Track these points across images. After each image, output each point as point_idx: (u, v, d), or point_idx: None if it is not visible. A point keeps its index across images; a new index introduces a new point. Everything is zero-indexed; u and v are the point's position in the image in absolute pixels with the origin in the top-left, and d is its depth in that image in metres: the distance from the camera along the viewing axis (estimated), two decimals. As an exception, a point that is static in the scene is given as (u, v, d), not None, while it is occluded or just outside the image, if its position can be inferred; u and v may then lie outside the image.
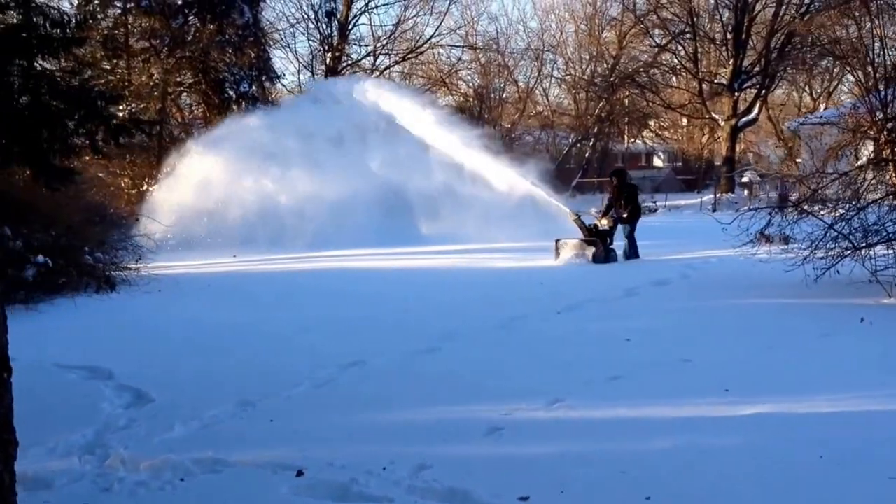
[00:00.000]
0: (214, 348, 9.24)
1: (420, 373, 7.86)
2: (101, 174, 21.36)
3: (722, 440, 5.64)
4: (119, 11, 26.63)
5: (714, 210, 31.02)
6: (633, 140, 56.29)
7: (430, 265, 16.74)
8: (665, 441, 5.61)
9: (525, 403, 6.56)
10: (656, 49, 45.99)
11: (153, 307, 12.32)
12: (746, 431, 5.80)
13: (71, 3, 25.27)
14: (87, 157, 17.58)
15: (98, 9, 26.15)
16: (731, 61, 41.86)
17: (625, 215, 17.51)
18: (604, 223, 17.47)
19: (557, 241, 17.17)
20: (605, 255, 16.80)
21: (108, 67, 25.67)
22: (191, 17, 27.86)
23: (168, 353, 9.10)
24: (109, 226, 15.85)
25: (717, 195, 36.14)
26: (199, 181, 20.13)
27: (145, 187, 22.99)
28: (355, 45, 42.74)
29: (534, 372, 7.76)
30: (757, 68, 42.40)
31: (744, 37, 41.59)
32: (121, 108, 24.17)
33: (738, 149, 45.92)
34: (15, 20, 11.85)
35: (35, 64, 9.32)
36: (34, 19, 9.42)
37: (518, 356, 8.49)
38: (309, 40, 43.14)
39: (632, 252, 17.30)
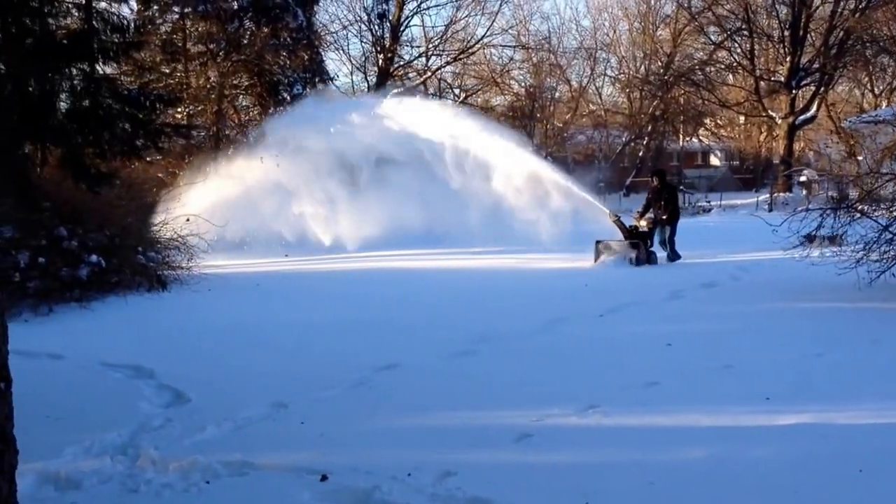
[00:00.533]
0: (255, 348, 9.33)
1: (455, 376, 7.82)
2: (160, 174, 21.70)
3: (758, 451, 5.51)
4: (177, 16, 27.10)
5: (770, 210, 30.43)
6: (688, 139, 55.39)
7: (473, 265, 16.69)
8: (698, 451, 5.51)
9: (558, 409, 6.49)
10: (712, 46, 45.25)
11: (201, 306, 12.47)
12: (785, 442, 5.66)
13: (130, 9, 25.78)
14: (149, 159, 17.85)
15: (157, 14, 26.71)
16: (788, 58, 40.95)
17: (664, 217, 16.99)
18: (643, 224, 16.95)
19: (598, 242, 16.59)
20: (647, 258, 16.41)
21: (167, 71, 26.16)
22: (246, 21, 28.21)
23: (210, 352, 9.20)
24: (163, 225, 16.06)
25: (773, 195, 35.45)
26: (250, 183, 20.04)
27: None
28: (407, 46, 42.76)
29: (570, 376, 7.68)
30: (815, 65, 41.48)
31: (801, 33, 40.63)
32: (179, 110, 24.70)
33: (796, 147, 44.93)
34: (77, 26, 12.19)
35: (96, 68, 9.55)
36: (95, 25, 9.64)
37: (555, 360, 8.40)
38: (361, 42, 42.96)
39: (673, 254, 16.88)
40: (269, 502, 4.78)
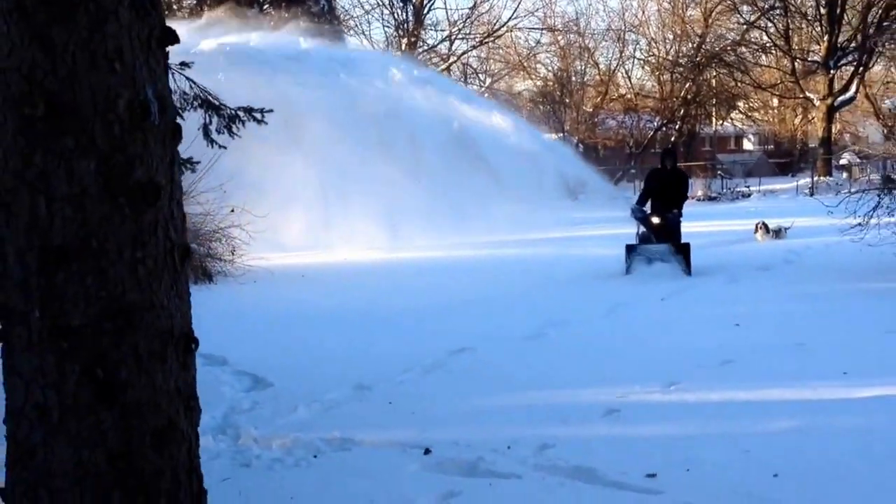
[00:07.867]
0: (319, 335, 9.36)
1: (528, 359, 7.88)
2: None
3: (847, 420, 5.58)
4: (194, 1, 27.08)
5: (811, 194, 30.24)
6: (721, 122, 54.58)
7: (521, 253, 16.57)
8: (786, 422, 5.57)
9: (639, 386, 6.57)
10: (745, 26, 44.15)
11: (252, 297, 12.57)
12: (872, 413, 5.72)
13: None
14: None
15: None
16: (825, 38, 39.99)
17: (675, 211, 13.40)
18: (655, 221, 13.36)
19: (630, 248, 13.32)
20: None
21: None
22: (266, 6, 28.10)
23: (275, 340, 9.23)
24: (206, 216, 15.95)
25: (815, 178, 35.09)
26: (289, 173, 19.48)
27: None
28: (431, 30, 42.56)
29: (644, 356, 7.75)
30: (853, 44, 40.61)
31: (839, 11, 39.78)
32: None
33: (833, 129, 43.97)
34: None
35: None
36: None
37: (626, 341, 8.49)
38: (384, 26, 43.05)
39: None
40: (380, 473, 4.90)
